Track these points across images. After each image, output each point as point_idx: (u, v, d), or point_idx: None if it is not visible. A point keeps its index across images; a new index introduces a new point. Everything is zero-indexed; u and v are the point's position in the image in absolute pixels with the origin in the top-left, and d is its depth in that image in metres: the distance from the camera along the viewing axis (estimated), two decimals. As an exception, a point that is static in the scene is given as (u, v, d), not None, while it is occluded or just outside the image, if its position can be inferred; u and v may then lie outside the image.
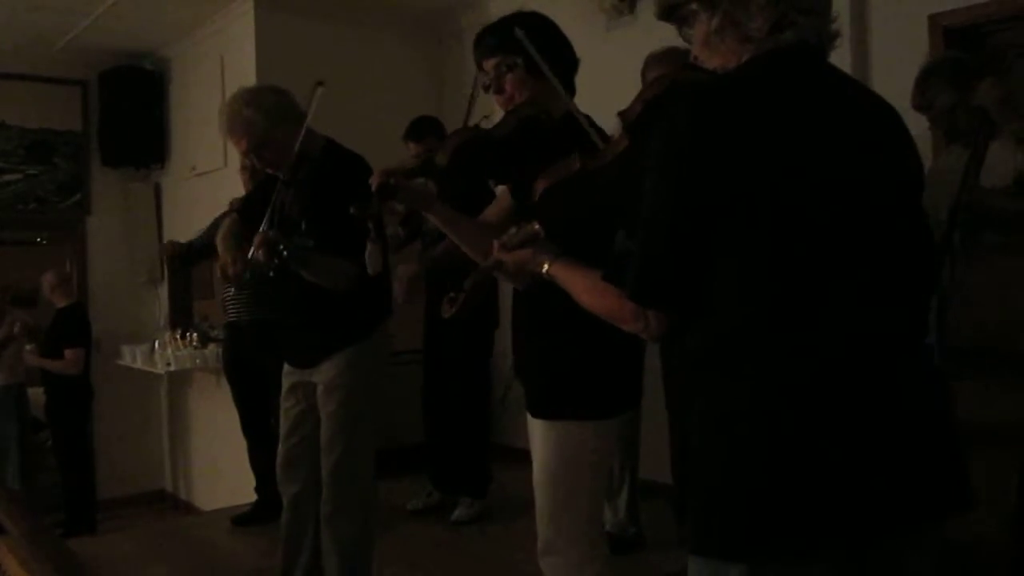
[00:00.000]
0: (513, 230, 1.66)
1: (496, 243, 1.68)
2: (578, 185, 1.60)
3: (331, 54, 5.25)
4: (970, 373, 2.33)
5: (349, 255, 2.60)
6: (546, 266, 1.57)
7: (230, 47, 5.51)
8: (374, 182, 1.96)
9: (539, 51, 2.00)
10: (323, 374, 2.81)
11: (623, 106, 3.41)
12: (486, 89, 2.12)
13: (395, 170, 2.02)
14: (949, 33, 3.30)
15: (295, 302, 2.85)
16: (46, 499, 5.77)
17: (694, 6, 1.33)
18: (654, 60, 2.98)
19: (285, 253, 2.54)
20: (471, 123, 2.13)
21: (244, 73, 5.18)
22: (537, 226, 1.62)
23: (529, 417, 2.25)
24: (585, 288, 1.51)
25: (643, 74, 3.00)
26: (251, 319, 4.28)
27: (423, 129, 4.09)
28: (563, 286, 1.57)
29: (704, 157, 1.19)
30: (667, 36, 3.38)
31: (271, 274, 2.59)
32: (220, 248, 2.92)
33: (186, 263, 4.63)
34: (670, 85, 1.44)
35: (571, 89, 2.13)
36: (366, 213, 2.01)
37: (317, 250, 2.62)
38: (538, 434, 2.11)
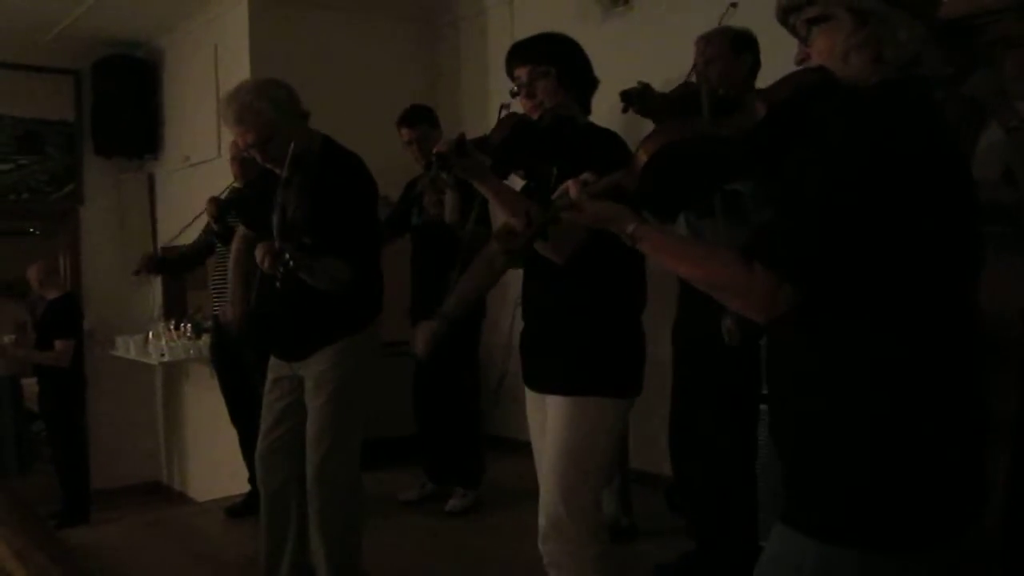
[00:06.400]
0: (589, 176, 1.56)
1: (574, 183, 1.55)
2: (699, 145, 1.52)
3: (325, 43, 5.19)
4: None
5: (346, 256, 2.67)
6: (631, 227, 1.46)
7: (224, 36, 5.48)
8: (447, 144, 2.03)
9: (570, 65, 2.26)
10: (311, 368, 2.79)
11: (616, 95, 3.35)
12: (514, 95, 2.29)
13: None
14: (938, 25, 3.29)
15: (286, 295, 2.82)
16: (42, 490, 5.77)
17: (841, 12, 1.37)
18: (704, 41, 2.95)
19: (291, 263, 2.54)
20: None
21: (238, 62, 5.17)
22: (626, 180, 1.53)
23: (535, 398, 2.28)
24: (695, 256, 1.42)
25: (699, 55, 2.95)
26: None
27: (417, 116, 4.13)
28: (652, 252, 1.47)
29: (890, 160, 1.24)
30: (662, 28, 3.35)
31: (278, 284, 2.58)
32: (231, 279, 3.11)
33: (161, 271, 4.66)
34: (823, 79, 1.41)
35: (587, 107, 2.35)
36: (443, 167, 2.06)
37: (315, 248, 2.63)
38: (558, 412, 2.15)
